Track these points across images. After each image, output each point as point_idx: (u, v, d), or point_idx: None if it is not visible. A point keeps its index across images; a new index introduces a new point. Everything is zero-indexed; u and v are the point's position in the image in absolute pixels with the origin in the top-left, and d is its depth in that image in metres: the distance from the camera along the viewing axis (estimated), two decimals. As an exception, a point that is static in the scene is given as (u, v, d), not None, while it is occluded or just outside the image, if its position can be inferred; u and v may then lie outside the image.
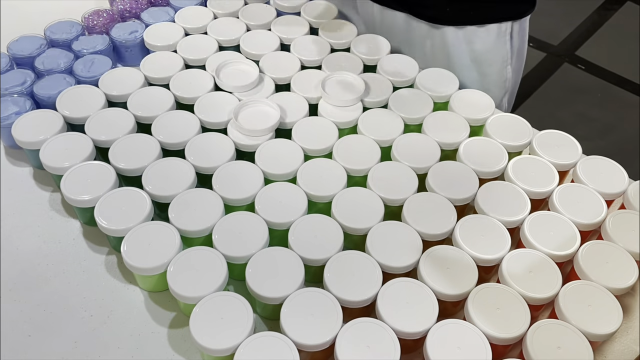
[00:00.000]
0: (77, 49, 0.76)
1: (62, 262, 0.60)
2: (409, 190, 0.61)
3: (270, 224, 0.57)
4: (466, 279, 0.53)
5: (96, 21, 0.80)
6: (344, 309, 0.51)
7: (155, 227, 0.56)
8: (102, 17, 0.81)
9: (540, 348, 0.49)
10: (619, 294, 0.53)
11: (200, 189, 0.60)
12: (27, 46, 0.76)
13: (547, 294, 0.52)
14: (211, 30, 0.80)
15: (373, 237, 0.56)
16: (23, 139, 0.65)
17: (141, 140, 0.64)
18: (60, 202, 0.66)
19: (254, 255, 0.54)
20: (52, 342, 0.54)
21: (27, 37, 0.77)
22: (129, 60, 0.80)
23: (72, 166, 0.61)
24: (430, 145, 0.66)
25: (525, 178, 0.63)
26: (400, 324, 0.50)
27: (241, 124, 0.66)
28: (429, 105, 0.71)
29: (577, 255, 0.56)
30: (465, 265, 0.54)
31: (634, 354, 0.55)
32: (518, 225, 0.59)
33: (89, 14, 0.81)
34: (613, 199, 0.63)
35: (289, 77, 0.74)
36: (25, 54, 0.75)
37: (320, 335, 0.48)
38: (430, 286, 0.53)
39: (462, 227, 0.57)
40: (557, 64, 2.05)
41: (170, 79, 0.73)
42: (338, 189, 0.60)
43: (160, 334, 0.55)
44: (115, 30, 0.79)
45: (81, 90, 0.70)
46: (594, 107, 1.89)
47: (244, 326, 0.49)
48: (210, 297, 0.51)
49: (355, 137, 0.67)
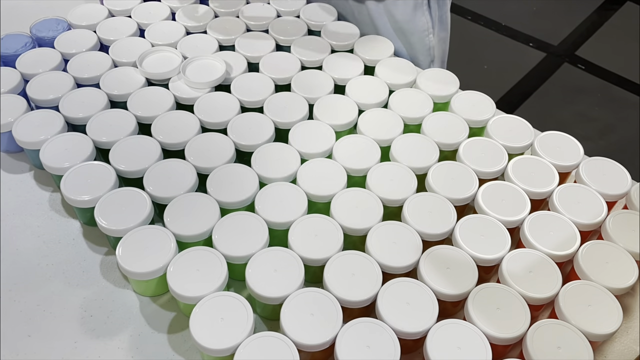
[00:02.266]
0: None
1: (62, 262, 0.61)
2: (408, 190, 0.61)
3: (270, 224, 0.57)
4: (466, 279, 0.53)
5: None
6: (344, 309, 0.51)
7: (151, 231, 0.56)
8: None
9: (540, 348, 0.49)
10: (619, 294, 0.53)
11: (196, 194, 0.59)
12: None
13: (547, 294, 0.52)
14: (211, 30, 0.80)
15: (373, 237, 0.56)
16: (23, 139, 0.65)
17: (142, 142, 0.64)
18: (60, 202, 0.66)
19: (254, 255, 0.54)
20: (52, 342, 0.54)
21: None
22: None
23: (72, 166, 0.61)
24: (430, 145, 0.66)
25: (525, 178, 0.63)
26: (400, 324, 0.50)
27: (188, 77, 0.69)
28: (428, 105, 0.71)
29: (577, 255, 0.56)
30: (465, 265, 0.54)
31: (634, 354, 0.55)
32: (518, 225, 0.59)
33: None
34: (616, 200, 0.63)
35: (289, 77, 0.74)
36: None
37: (320, 335, 0.48)
38: (430, 286, 0.53)
39: (462, 227, 0.57)
40: (557, 64, 2.05)
41: (170, 78, 0.73)
42: (338, 189, 0.61)
43: (160, 334, 0.55)
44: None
45: (83, 91, 0.70)
46: (594, 107, 1.89)
47: (244, 326, 0.49)
48: (210, 297, 0.51)
49: (354, 137, 0.67)
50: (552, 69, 2.03)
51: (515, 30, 2.18)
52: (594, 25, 2.21)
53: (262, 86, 0.73)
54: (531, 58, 2.07)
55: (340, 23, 0.83)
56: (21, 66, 0.73)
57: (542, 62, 2.05)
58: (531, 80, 1.97)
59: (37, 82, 0.71)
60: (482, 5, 2.28)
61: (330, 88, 0.73)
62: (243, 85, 0.73)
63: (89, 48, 0.77)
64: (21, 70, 0.73)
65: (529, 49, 2.11)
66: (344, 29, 0.82)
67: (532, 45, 2.12)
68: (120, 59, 0.75)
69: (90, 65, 0.74)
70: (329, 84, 0.74)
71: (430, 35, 0.85)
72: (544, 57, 2.07)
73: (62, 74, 0.72)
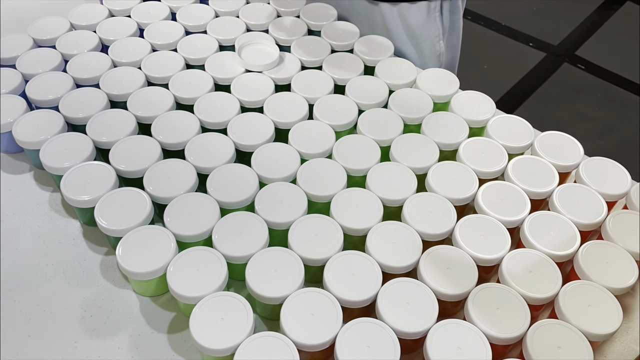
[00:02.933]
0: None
1: (62, 262, 0.60)
2: (408, 190, 0.61)
3: (270, 224, 0.57)
4: (466, 279, 0.53)
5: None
6: (344, 309, 0.51)
7: (151, 231, 0.56)
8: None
9: (540, 348, 0.49)
10: (619, 294, 0.53)
11: (196, 194, 0.59)
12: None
13: (547, 294, 0.52)
14: (211, 30, 0.80)
15: (373, 237, 0.56)
16: (23, 139, 0.65)
17: (142, 142, 0.64)
18: (60, 202, 0.66)
19: (254, 255, 0.54)
20: (52, 342, 0.54)
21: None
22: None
23: (72, 166, 0.61)
24: (430, 145, 0.66)
25: (525, 178, 0.63)
26: (400, 324, 0.50)
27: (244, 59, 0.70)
28: (429, 105, 0.71)
29: (577, 255, 0.56)
30: (465, 265, 0.54)
31: (634, 354, 0.55)
32: (518, 225, 0.59)
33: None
34: (616, 200, 0.63)
35: (289, 77, 0.74)
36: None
37: (320, 335, 0.48)
38: (430, 286, 0.53)
39: (462, 227, 0.57)
40: (557, 64, 2.05)
41: (170, 78, 0.73)
42: (338, 189, 0.60)
43: (160, 334, 0.55)
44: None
45: (83, 91, 0.70)
46: (594, 107, 1.89)
47: (244, 326, 0.49)
48: (210, 297, 0.51)
49: (354, 137, 0.67)
50: (552, 69, 2.03)
51: (515, 30, 2.19)
52: (594, 25, 2.21)
53: (262, 86, 0.73)
54: (531, 58, 2.07)
55: (341, 23, 0.83)
56: (21, 66, 0.73)
57: (542, 62, 2.05)
58: (531, 80, 1.97)
59: (37, 83, 0.71)
60: (482, 5, 2.28)
61: (330, 88, 0.73)
62: (243, 86, 0.73)
63: (89, 49, 0.77)
64: (21, 71, 0.73)
65: (529, 49, 2.11)
66: (344, 28, 0.82)
67: (532, 45, 2.12)
68: (120, 59, 0.75)
69: (90, 66, 0.74)
70: (329, 84, 0.74)
71: (440, 42, 0.85)
72: (544, 57, 2.07)
73: (62, 75, 0.72)
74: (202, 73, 0.74)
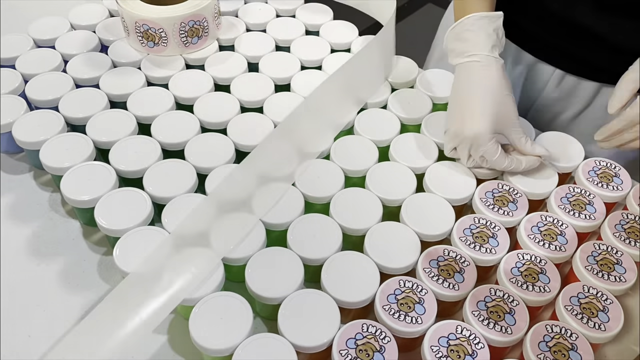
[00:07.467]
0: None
1: (62, 262, 0.61)
2: (407, 190, 0.61)
3: (270, 224, 0.57)
4: (465, 279, 0.53)
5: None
6: (342, 309, 0.51)
7: (148, 232, 0.56)
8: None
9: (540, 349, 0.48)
10: (619, 294, 0.53)
11: (196, 194, 0.59)
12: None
13: (546, 296, 0.52)
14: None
15: (371, 237, 0.56)
16: (23, 139, 0.65)
17: (142, 142, 0.64)
18: (60, 202, 0.66)
19: (253, 255, 0.54)
20: (52, 342, 0.54)
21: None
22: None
23: (72, 166, 0.61)
24: (429, 145, 0.66)
25: (524, 178, 0.62)
26: (399, 323, 0.50)
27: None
28: (428, 105, 0.71)
29: (576, 257, 0.56)
30: (465, 266, 0.54)
31: (634, 354, 0.54)
32: (516, 225, 0.59)
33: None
34: (616, 201, 0.62)
35: (289, 77, 0.74)
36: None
37: (318, 337, 0.48)
38: (429, 286, 0.52)
39: (461, 228, 0.57)
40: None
41: (169, 78, 0.73)
42: (336, 190, 0.60)
43: (161, 334, 0.55)
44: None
45: (83, 91, 0.70)
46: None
47: (244, 326, 0.49)
48: (209, 297, 0.51)
49: (352, 138, 0.67)
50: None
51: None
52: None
53: (262, 86, 0.73)
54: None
55: (339, 22, 0.83)
56: (21, 67, 0.73)
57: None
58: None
59: (37, 83, 0.71)
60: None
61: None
62: (243, 85, 0.73)
63: (89, 49, 0.77)
64: (21, 71, 0.73)
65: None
66: (343, 28, 0.82)
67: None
68: (120, 59, 0.75)
69: (90, 66, 0.74)
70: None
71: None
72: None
73: (62, 75, 0.73)
74: (202, 73, 0.74)
